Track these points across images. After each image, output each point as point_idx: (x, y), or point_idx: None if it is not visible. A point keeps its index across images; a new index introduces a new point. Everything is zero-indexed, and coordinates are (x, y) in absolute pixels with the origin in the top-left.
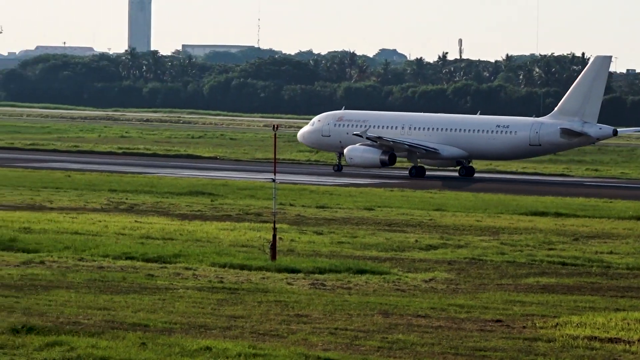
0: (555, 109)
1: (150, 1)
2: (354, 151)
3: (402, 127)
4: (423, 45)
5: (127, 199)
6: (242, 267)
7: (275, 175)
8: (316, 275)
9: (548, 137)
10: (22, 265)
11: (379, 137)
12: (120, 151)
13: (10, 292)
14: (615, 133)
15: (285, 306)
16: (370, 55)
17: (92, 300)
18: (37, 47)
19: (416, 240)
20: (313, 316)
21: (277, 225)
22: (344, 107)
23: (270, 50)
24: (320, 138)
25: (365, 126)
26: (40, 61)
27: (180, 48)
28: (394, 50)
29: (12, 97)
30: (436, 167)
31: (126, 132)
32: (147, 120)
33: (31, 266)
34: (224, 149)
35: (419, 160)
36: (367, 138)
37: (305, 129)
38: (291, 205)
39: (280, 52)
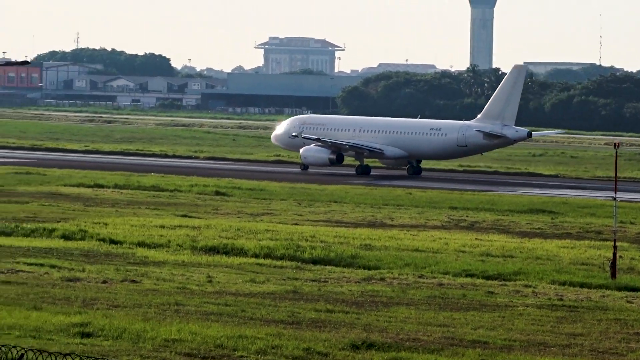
0: (481, 113)
1: (492, 19)
2: (308, 151)
3: (353, 130)
4: None
5: (467, 216)
6: (582, 285)
7: (615, 193)
8: None
9: (473, 139)
10: (362, 281)
11: (317, 138)
12: (461, 169)
13: (351, 308)
14: (529, 135)
15: (624, 324)
16: None
17: (432, 317)
18: (380, 65)
19: None
20: None
21: (617, 244)
22: (309, 112)
23: (612, 68)
24: (288, 140)
25: (300, 128)
26: (382, 78)
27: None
28: None
29: (353, 113)
30: (390, 167)
31: None
32: None
33: (372, 282)
34: (564, 167)
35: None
36: (304, 138)
37: (276, 131)
38: (631, 223)
39: (622, 69)
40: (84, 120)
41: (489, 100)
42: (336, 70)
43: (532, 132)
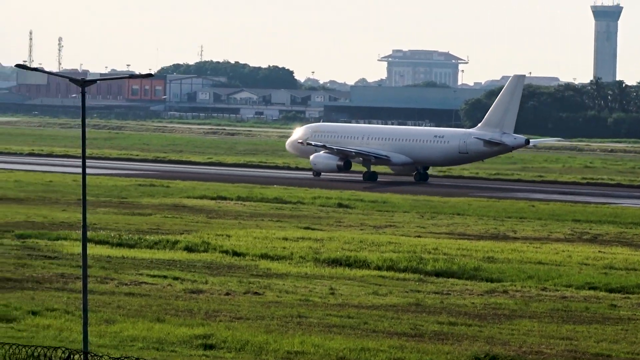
0: (482, 121)
1: (616, 31)
2: (317, 158)
3: (362, 138)
4: None
5: (590, 229)
6: None
7: None
8: None
9: (473, 146)
10: (485, 294)
11: (323, 145)
12: (584, 181)
13: (473, 320)
14: (527, 142)
15: None
16: None
17: (554, 330)
18: (503, 77)
19: None
20: None
21: None
22: (322, 120)
23: None
24: (301, 147)
25: (313, 136)
26: None
27: None
28: None
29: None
30: (398, 173)
31: (590, 163)
32: (612, 150)
33: (494, 295)
34: None
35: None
36: (308, 145)
37: (290, 139)
38: None
39: None
40: (207, 132)
41: (489, 109)
42: (459, 82)
43: (530, 140)
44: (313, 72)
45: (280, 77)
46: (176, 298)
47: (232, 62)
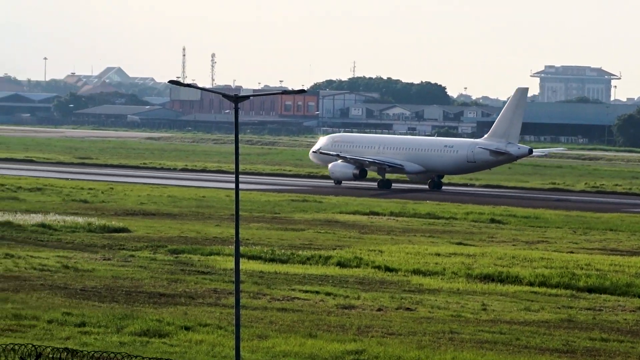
0: (489, 132)
1: None
2: (335, 167)
3: (378, 147)
4: None
5: None
6: None
7: None
8: None
9: (481, 155)
10: (638, 310)
11: (337, 155)
12: None
13: (625, 337)
14: (530, 152)
15: None
16: None
17: None
18: None
19: None
20: None
21: None
22: (341, 131)
23: None
24: (323, 156)
25: (333, 145)
26: None
27: None
28: None
29: (629, 142)
30: (415, 181)
31: None
32: None
33: None
34: None
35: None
36: (321, 153)
37: (313, 149)
38: None
39: None
40: None
41: (495, 120)
42: (612, 98)
43: (533, 149)
44: (465, 88)
45: (432, 93)
46: (328, 313)
47: (385, 77)
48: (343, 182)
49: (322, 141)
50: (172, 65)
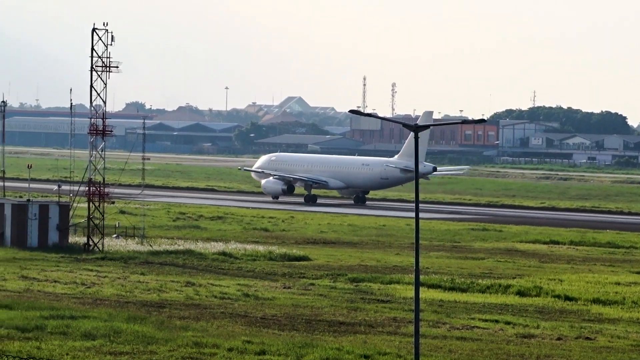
0: (400, 151)
1: None
2: (267, 182)
3: (307, 165)
4: None
5: None
6: None
7: None
8: None
9: (392, 173)
10: None
11: (262, 171)
12: None
13: None
14: (434, 169)
15: None
16: None
17: None
18: None
19: None
20: None
21: None
22: (279, 151)
23: None
24: (260, 173)
25: (269, 164)
26: None
27: None
28: None
29: None
30: (344, 196)
31: None
32: None
33: None
34: None
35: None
36: (245, 170)
37: (253, 167)
38: None
39: None
40: (539, 177)
41: (405, 141)
42: None
43: (437, 167)
44: None
45: (613, 123)
46: (508, 343)
47: (565, 107)
48: (279, 197)
49: (261, 160)
50: (352, 95)
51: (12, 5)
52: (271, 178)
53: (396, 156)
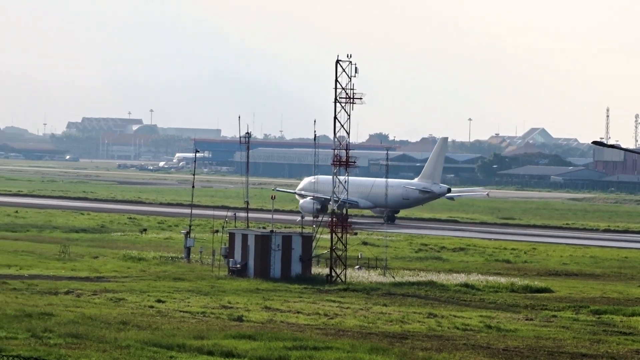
0: (420, 174)
1: None
2: (303, 203)
3: (340, 187)
4: None
5: None
6: None
7: None
8: None
9: (412, 194)
10: None
11: (300, 194)
12: None
13: None
14: (449, 191)
15: None
16: None
17: None
18: None
19: None
20: None
21: None
22: (318, 173)
23: None
24: (300, 194)
25: (309, 185)
26: None
27: None
28: None
29: None
30: (376, 215)
31: None
32: None
33: None
34: None
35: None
36: (278, 190)
37: (297, 188)
38: None
39: None
40: None
41: (425, 164)
42: None
43: (451, 189)
44: None
45: None
46: None
47: None
48: (312, 216)
49: (303, 182)
50: (595, 126)
51: (254, 48)
52: (308, 199)
53: (416, 178)
